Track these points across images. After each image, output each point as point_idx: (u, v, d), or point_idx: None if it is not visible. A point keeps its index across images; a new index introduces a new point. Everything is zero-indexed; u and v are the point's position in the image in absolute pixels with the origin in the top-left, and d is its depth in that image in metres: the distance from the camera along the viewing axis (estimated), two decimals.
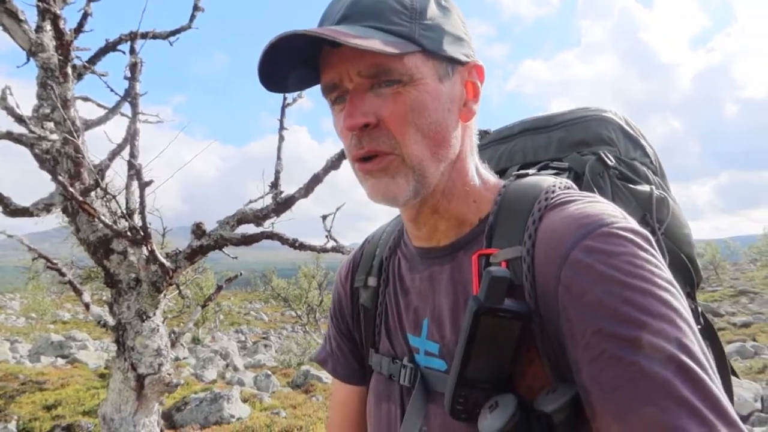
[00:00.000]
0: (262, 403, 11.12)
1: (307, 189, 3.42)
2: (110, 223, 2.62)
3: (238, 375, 14.12)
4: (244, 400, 10.84)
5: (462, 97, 0.75)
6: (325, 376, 13.83)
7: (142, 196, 2.42)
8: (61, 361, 14.50)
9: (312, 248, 3.48)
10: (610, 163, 0.91)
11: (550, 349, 0.66)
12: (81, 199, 2.49)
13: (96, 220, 2.92)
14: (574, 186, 0.79)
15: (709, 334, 0.96)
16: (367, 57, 0.68)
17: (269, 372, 14.10)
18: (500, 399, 0.66)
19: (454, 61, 0.74)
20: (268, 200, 3.45)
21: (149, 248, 2.72)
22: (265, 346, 22.28)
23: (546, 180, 0.78)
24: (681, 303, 0.60)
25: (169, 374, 3.22)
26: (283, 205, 3.40)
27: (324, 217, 3.94)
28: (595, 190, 0.87)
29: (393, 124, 0.70)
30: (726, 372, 0.96)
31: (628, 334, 0.57)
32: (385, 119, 0.70)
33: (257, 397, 11.54)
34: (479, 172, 0.82)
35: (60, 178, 2.45)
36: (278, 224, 3.45)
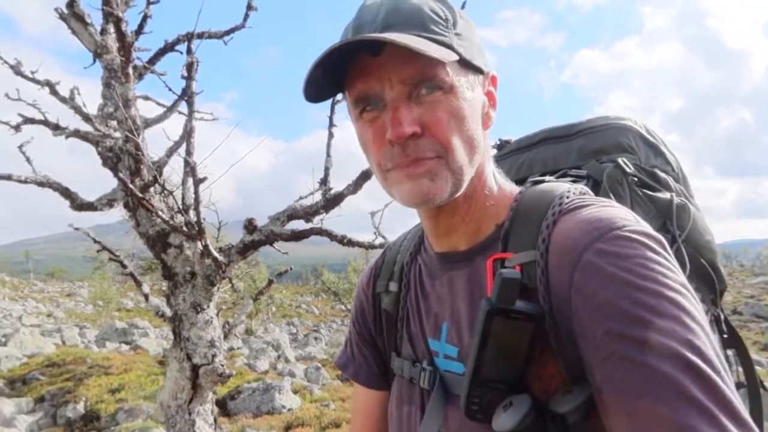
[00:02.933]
0: (312, 395, 11.34)
1: (356, 185, 3.43)
2: (167, 219, 2.72)
3: (289, 366, 14.44)
4: (295, 392, 11.09)
5: (485, 106, 0.77)
6: None
7: (196, 192, 2.50)
8: (124, 347, 15.28)
9: (360, 244, 3.50)
10: (628, 170, 0.91)
11: (564, 351, 0.66)
12: (140, 195, 2.60)
13: (154, 215, 3.04)
14: (590, 192, 0.80)
15: (735, 342, 0.96)
16: (411, 64, 0.68)
17: (319, 364, 14.34)
18: (515, 399, 0.66)
19: (479, 71, 0.76)
20: (317, 197, 3.50)
21: (203, 243, 2.81)
22: (316, 338, 22.68)
23: (561, 186, 0.79)
24: (693, 305, 0.60)
25: (222, 365, 3.32)
26: (332, 201, 3.43)
27: (372, 214, 3.96)
28: (612, 196, 0.87)
29: (439, 131, 0.71)
30: (753, 380, 0.95)
31: (639, 334, 0.57)
32: (431, 127, 0.71)
33: (307, 388, 11.78)
34: (496, 178, 0.83)
35: (120, 175, 2.57)
36: (327, 220, 3.49)
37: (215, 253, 2.95)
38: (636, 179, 0.91)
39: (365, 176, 3.40)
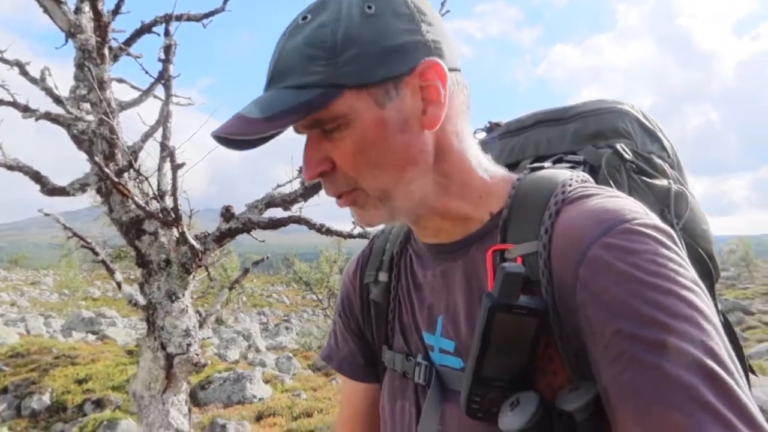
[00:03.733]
0: (283, 385, 11.29)
1: None
2: (143, 204, 2.66)
3: (260, 356, 14.35)
4: (266, 381, 11.03)
5: (417, 108, 0.70)
6: None
7: (174, 178, 2.45)
8: (91, 337, 14.96)
9: (339, 233, 3.49)
10: (626, 156, 0.88)
11: (569, 346, 0.64)
12: (116, 179, 2.53)
13: (129, 200, 2.97)
14: (591, 179, 0.77)
15: (728, 331, 0.96)
16: None
17: (290, 354, 14.31)
18: (522, 396, 0.64)
19: (395, 78, 0.68)
20: (296, 185, 3.47)
21: (180, 230, 2.76)
22: (287, 328, 22.61)
23: (562, 173, 0.76)
24: (706, 303, 0.58)
25: (197, 354, 3.28)
26: (311, 189, 3.41)
27: None
28: (611, 183, 0.84)
29: (345, 167, 0.70)
30: (744, 371, 0.95)
31: (650, 336, 0.55)
32: (338, 163, 0.70)
33: (279, 378, 11.73)
34: (483, 165, 0.79)
35: (97, 158, 2.50)
36: (306, 209, 3.47)
37: (192, 241, 2.90)
38: (633, 166, 0.88)
39: None
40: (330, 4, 0.69)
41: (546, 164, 0.84)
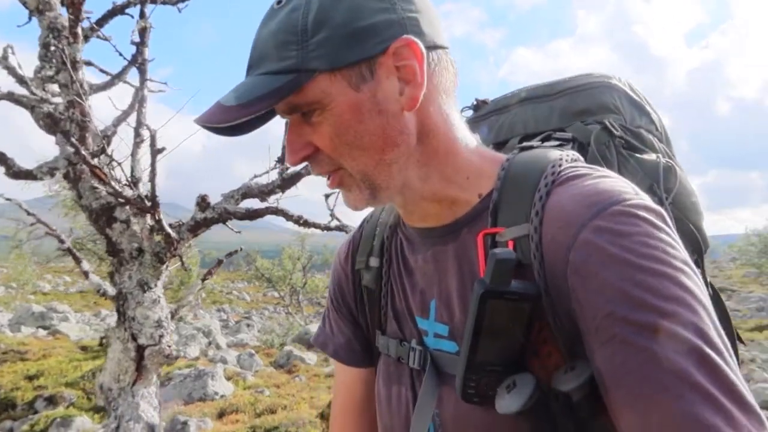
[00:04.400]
0: (245, 382, 11.13)
1: None
2: (120, 190, 2.56)
3: (221, 353, 14.09)
4: (228, 378, 10.85)
5: (394, 89, 0.69)
6: (308, 357, 13.87)
7: (153, 164, 2.37)
8: (42, 332, 14.33)
9: (317, 226, 3.46)
10: (615, 132, 0.88)
11: (562, 329, 0.64)
12: (93, 163, 2.43)
13: (100, 186, 2.87)
14: (581, 158, 0.77)
15: (716, 301, 0.96)
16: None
17: (253, 351, 14.10)
18: (518, 378, 0.64)
19: (368, 59, 0.67)
20: (273, 175, 3.42)
21: (157, 217, 2.68)
22: (248, 325, 22.28)
23: (552, 153, 0.75)
24: (696, 283, 0.58)
25: (169, 346, 3.20)
26: (289, 180, 3.37)
27: (327, 196, 3.92)
28: (601, 160, 0.84)
29: (326, 150, 0.71)
30: (732, 338, 0.93)
31: (641, 318, 0.56)
32: (320, 146, 0.71)
33: (241, 375, 11.54)
34: (471, 146, 0.78)
35: (74, 140, 2.39)
36: (283, 200, 3.43)
37: (168, 229, 2.82)
38: (623, 141, 0.88)
39: None
40: None
41: (535, 143, 0.84)
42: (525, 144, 0.83)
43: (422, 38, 0.69)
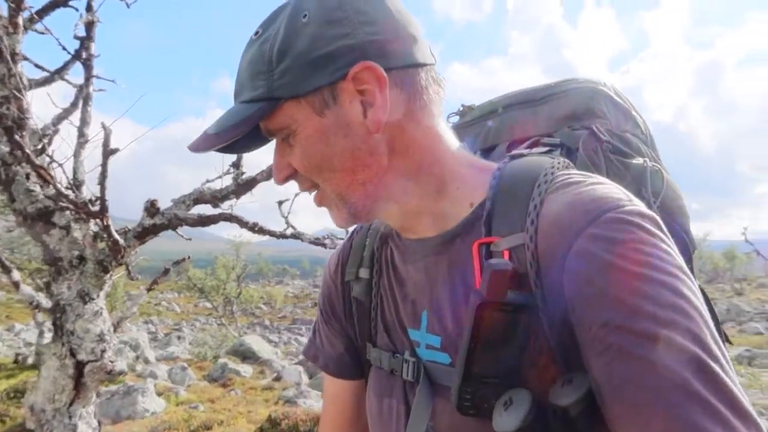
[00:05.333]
0: (177, 397, 10.68)
1: (270, 172, 3.28)
2: (65, 192, 2.37)
3: (151, 367, 13.46)
4: (159, 394, 10.36)
5: (358, 112, 0.70)
6: (244, 369, 13.48)
7: (104, 165, 2.20)
8: None
9: (271, 233, 3.36)
10: (603, 137, 0.87)
11: (559, 338, 0.63)
12: (38, 162, 2.23)
13: (37, 190, 2.65)
14: (572, 165, 0.77)
15: (705, 303, 0.99)
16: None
17: (185, 365, 13.52)
18: (514, 395, 0.63)
19: (329, 85, 0.69)
20: (227, 180, 3.29)
21: (105, 223, 2.49)
22: (179, 338, 21.36)
23: (543, 161, 0.75)
24: (691, 289, 0.59)
25: (112, 361, 2.98)
26: (243, 186, 3.26)
27: (280, 203, 3.82)
28: (590, 166, 0.84)
29: (303, 171, 0.74)
30: (721, 339, 0.99)
31: (637, 327, 0.55)
32: (297, 168, 0.74)
33: (172, 390, 11.06)
34: (458, 156, 0.78)
35: (17, 138, 2.18)
36: (237, 207, 3.31)
37: (116, 235, 2.63)
38: (610, 146, 0.87)
39: None
40: (279, 17, 0.71)
41: (525, 151, 0.83)
42: (515, 152, 0.82)
43: (384, 60, 0.70)
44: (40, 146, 2.53)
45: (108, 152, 2.12)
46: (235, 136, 0.70)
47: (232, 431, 8.33)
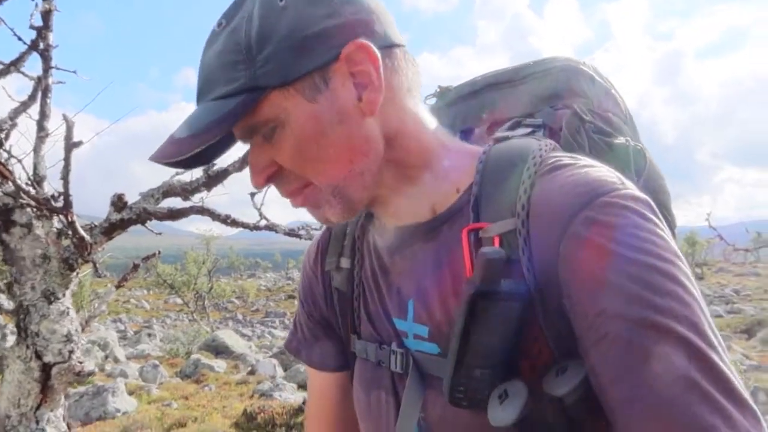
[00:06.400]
0: (150, 395, 10.51)
1: (243, 163, 3.21)
2: (25, 188, 2.26)
3: (121, 366, 13.20)
4: (130, 393, 10.18)
5: (352, 96, 0.67)
6: (217, 364, 13.32)
7: (67, 159, 2.11)
8: None
9: (245, 225, 3.30)
10: (585, 117, 0.86)
11: (553, 325, 0.62)
12: None
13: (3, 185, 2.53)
14: (558, 147, 0.76)
15: None
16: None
17: (156, 362, 13.29)
18: (509, 387, 0.62)
19: (320, 68, 0.65)
20: (198, 172, 3.21)
21: (70, 219, 2.39)
22: (149, 335, 20.97)
23: (530, 142, 0.73)
24: (687, 275, 0.58)
25: (80, 362, 2.89)
26: (215, 178, 3.18)
27: (253, 195, 3.74)
28: (574, 146, 0.82)
29: (291, 167, 0.68)
30: None
31: (634, 314, 0.55)
32: (284, 164, 0.68)
33: (144, 389, 10.89)
34: (442, 141, 0.77)
35: None
36: (208, 200, 3.23)
37: (82, 232, 2.54)
38: (592, 126, 0.86)
39: None
40: (243, 5, 0.66)
41: (509, 133, 0.82)
42: (499, 134, 0.80)
43: (374, 39, 0.67)
44: None
45: (71, 145, 2.02)
46: (218, 135, 0.62)
47: (207, 427, 8.24)
